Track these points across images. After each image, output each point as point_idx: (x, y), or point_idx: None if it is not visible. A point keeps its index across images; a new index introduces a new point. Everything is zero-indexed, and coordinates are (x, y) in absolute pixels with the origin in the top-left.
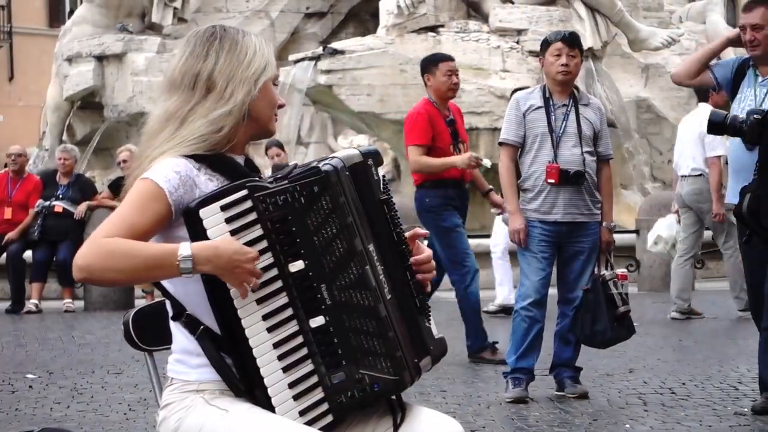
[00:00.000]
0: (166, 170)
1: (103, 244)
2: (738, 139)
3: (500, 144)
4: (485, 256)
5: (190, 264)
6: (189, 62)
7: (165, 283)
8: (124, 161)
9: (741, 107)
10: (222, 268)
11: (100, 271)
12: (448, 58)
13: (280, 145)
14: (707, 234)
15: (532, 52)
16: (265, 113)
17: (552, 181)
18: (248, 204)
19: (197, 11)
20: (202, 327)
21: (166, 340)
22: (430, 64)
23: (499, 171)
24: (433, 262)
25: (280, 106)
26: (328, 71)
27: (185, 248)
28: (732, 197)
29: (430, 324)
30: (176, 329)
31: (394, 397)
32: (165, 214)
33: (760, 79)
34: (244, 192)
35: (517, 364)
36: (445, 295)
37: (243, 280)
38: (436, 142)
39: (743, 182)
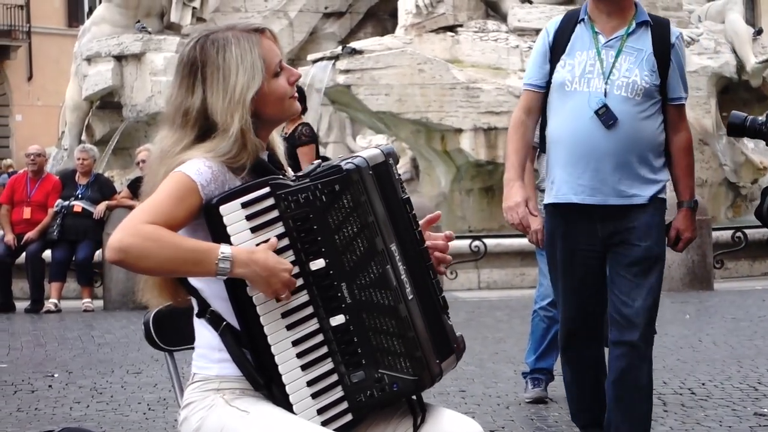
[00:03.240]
0: (199, 164)
1: (144, 230)
2: (589, 115)
3: None
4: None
5: (228, 264)
6: (178, 98)
7: (191, 280)
8: (143, 161)
9: (578, 76)
10: (258, 274)
11: (136, 258)
12: None
13: None
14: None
15: None
16: (276, 110)
17: None
18: (270, 201)
19: (216, 11)
20: (224, 323)
21: (186, 339)
22: None
23: None
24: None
25: (293, 83)
26: (346, 71)
27: (226, 248)
28: (571, 192)
29: (451, 322)
30: (200, 325)
31: (414, 397)
32: (197, 208)
33: (602, 39)
34: (266, 189)
35: (536, 365)
36: (463, 294)
37: (275, 290)
38: None
39: (594, 172)
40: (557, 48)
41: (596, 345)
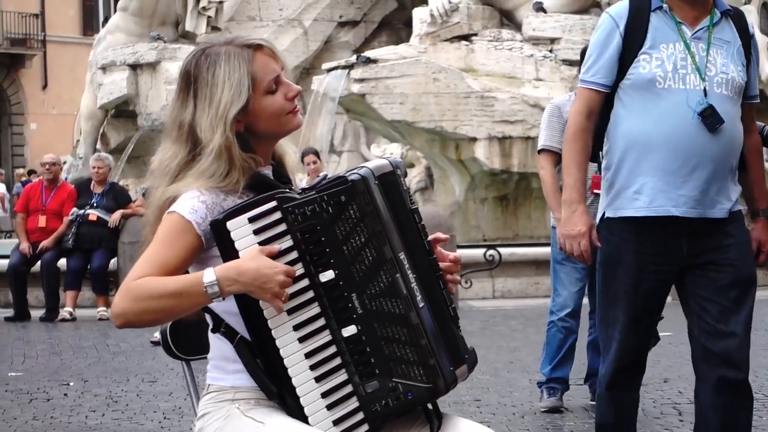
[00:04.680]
0: (192, 201)
1: (132, 288)
2: (690, 116)
3: (541, 151)
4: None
5: (216, 289)
6: (175, 110)
7: None
8: None
9: (670, 71)
10: (249, 285)
11: (137, 316)
12: None
13: (316, 153)
14: None
15: (565, 61)
16: (270, 126)
17: (598, 191)
18: (277, 215)
19: (231, 20)
20: (239, 335)
21: (203, 349)
22: None
23: (543, 178)
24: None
25: (292, 98)
26: (361, 80)
27: (209, 274)
28: (670, 204)
29: (461, 334)
30: (214, 338)
31: (431, 406)
32: (196, 246)
33: (687, 30)
34: (272, 203)
35: (552, 374)
36: (477, 303)
37: (273, 294)
38: None
39: (696, 182)
40: (633, 40)
41: (639, 383)
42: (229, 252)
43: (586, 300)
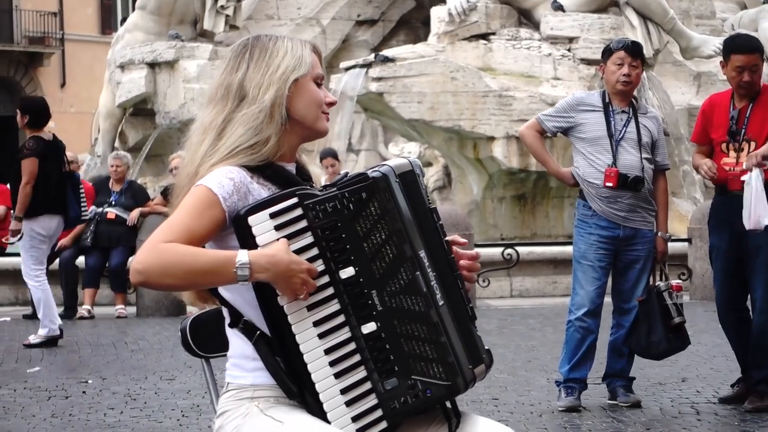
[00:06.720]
0: (221, 177)
1: (162, 248)
2: None
3: (537, 119)
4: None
5: (247, 271)
6: (223, 77)
7: (222, 291)
8: (176, 168)
9: None
10: (278, 276)
11: (158, 276)
12: None
13: (335, 155)
14: None
15: (583, 60)
16: (307, 113)
17: (610, 184)
18: (298, 212)
19: (249, 18)
20: (258, 332)
21: (222, 346)
22: None
23: (527, 141)
24: (478, 264)
25: (330, 104)
26: (378, 79)
27: (243, 255)
28: None
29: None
30: (233, 335)
31: (449, 404)
32: (220, 221)
33: None
34: (294, 200)
35: (570, 374)
36: (495, 302)
37: (295, 290)
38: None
39: None
40: None
41: None
42: (250, 246)
43: (608, 299)
